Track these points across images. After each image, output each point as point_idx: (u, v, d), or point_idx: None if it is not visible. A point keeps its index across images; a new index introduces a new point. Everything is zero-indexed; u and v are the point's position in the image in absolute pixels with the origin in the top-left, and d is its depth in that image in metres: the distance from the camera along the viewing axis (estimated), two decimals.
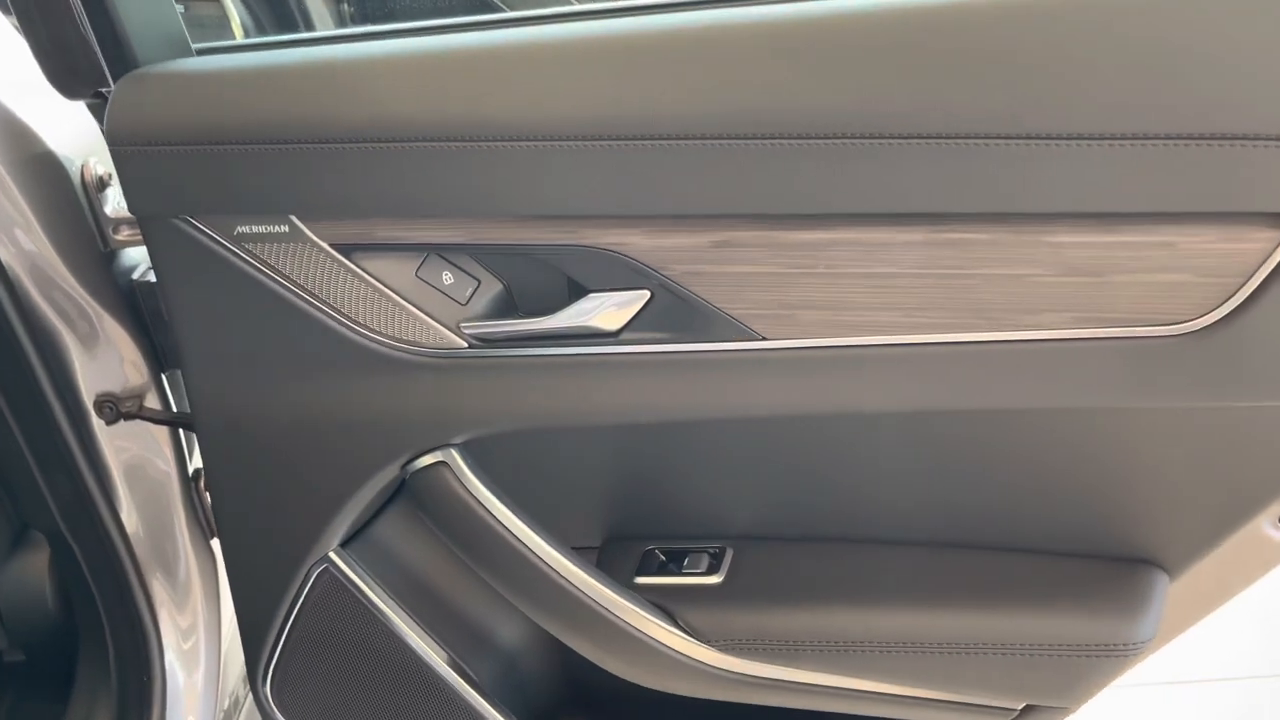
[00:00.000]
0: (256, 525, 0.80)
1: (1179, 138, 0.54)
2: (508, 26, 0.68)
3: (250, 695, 1.09)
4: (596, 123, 0.60)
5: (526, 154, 0.61)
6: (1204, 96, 0.54)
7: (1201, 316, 0.60)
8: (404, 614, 0.80)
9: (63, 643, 1.02)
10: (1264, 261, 0.57)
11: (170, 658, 0.94)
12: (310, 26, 1.98)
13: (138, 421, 0.87)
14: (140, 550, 0.91)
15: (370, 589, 0.79)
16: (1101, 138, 0.55)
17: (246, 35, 1.86)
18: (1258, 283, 0.58)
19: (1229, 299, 0.59)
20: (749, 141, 0.59)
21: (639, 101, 0.60)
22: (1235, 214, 0.57)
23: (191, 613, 0.96)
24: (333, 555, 0.79)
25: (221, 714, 1.02)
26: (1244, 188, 0.55)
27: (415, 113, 0.63)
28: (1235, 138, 0.54)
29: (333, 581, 0.79)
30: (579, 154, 0.61)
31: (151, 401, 0.87)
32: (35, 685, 1.12)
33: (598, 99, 0.61)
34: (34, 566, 1.03)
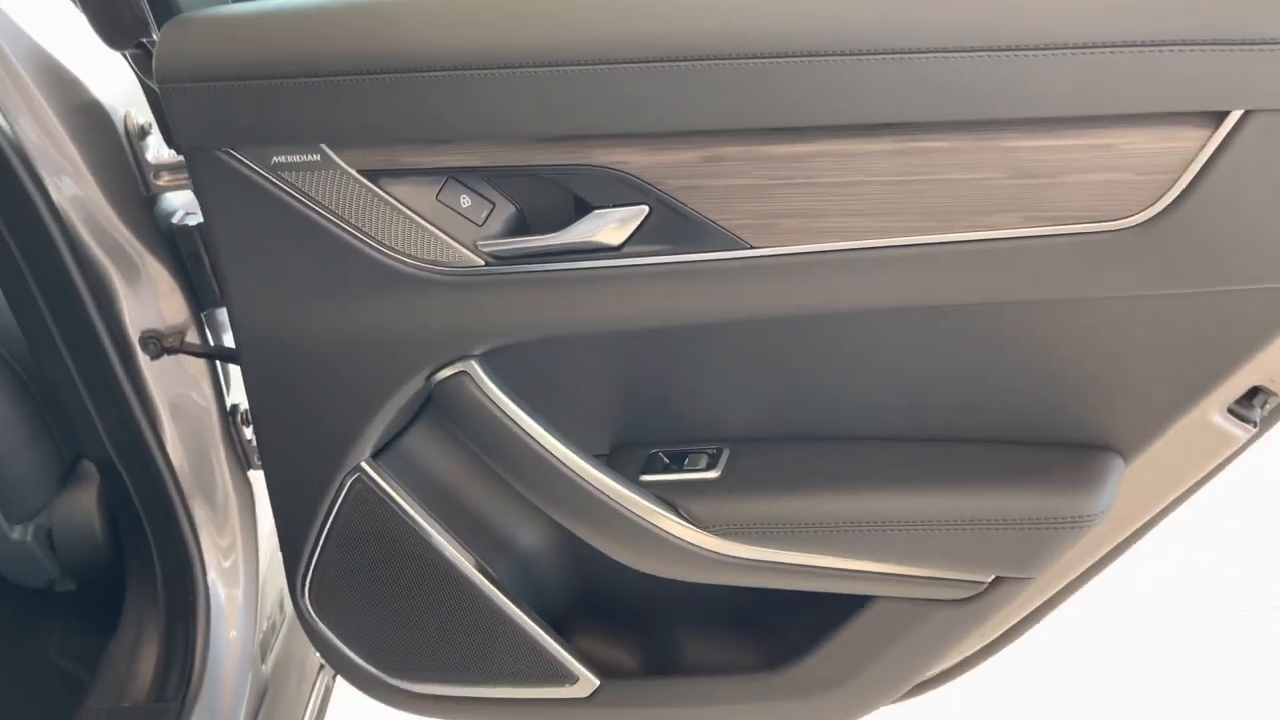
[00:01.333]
0: (295, 441, 0.85)
1: (1114, 45, 0.61)
2: None
3: (286, 622, 1.17)
4: (595, 49, 0.66)
5: (534, 79, 0.67)
6: (1135, 7, 0.60)
7: (1141, 211, 0.66)
8: (431, 519, 0.86)
9: (111, 573, 1.09)
10: (1194, 158, 0.64)
11: (212, 575, 1.01)
12: None
13: (179, 359, 0.93)
14: (183, 477, 0.96)
15: (400, 496, 0.85)
16: (1046, 48, 0.62)
17: None
18: (1190, 178, 0.64)
19: (1165, 194, 0.65)
20: (732, 61, 0.65)
21: (632, 28, 0.66)
22: (1167, 114, 0.63)
23: (230, 534, 1.02)
24: (364, 465, 0.84)
25: (259, 634, 1.09)
26: (1174, 90, 0.61)
27: (433, 45, 0.68)
28: (1164, 44, 0.60)
29: (365, 489, 0.85)
30: (580, 78, 0.67)
31: (191, 338, 0.92)
32: (85, 613, 1.20)
33: (595, 27, 0.67)
34: (84, 501, 1.10)
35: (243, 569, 1.04)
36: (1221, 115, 0.62)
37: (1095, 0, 0.61)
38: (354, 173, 0.74)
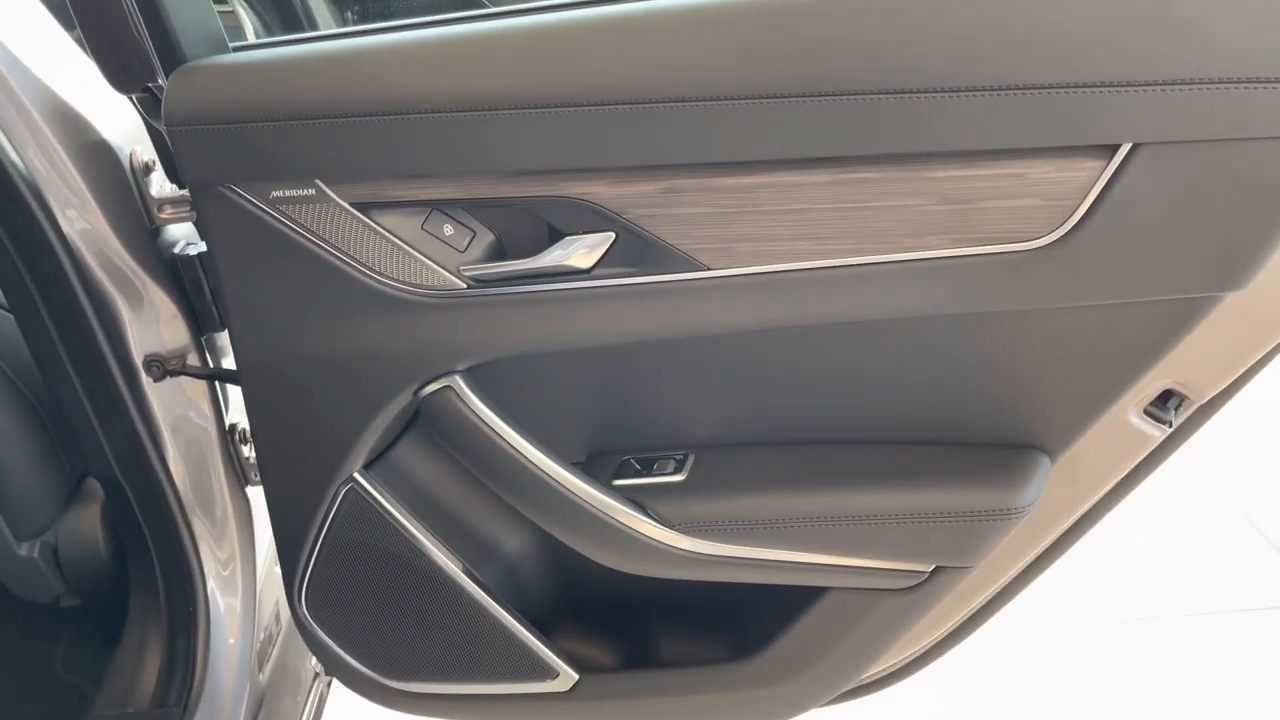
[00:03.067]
0: (291, 454, 0.90)
1: (1019, 88, 0.68)
2: (489, 19, 0.79)
3: (282, 633, 1.21)
4: (562, 93, 0.73)
5: (509, 121, 0.74)
6: (1037, 53, 0.67)
7: (1050, 233, 0.73)
8: (420, 526, 0.91)
9: (115, 588, 1.12)
10: (1093, 185, 0.71)
11: (212, 585, 1.04)
12: (315, 29, 2.12)
13: (181, 381, 0.97)
14: (184, 493, 1.00)
15: (390, 504, 0.90)
16: (961, 90, 0.69)
17: (258, 37, 2.01)
18: (1090, 202, 0.71)
19: (1069, 217, 0.72)
20: (685, 104, 0.71)
21: (594, 75, 0.72)
22: (1067, 148, 0.70)
23: (229, 547, 1.06)
24: (357, 475, 0.89)
25: (257, 644, 1.14)
26: (1071, 126, 0.68)
27: (416, 91, 0.75)
28: (1060, 86, 0.67)
29: (357, 499, 0.90)
30: (550, 119, 0.73)
31: (192, 361, 0.97)
32: (90, 628, 1.23)
33: (561, 74, 0.73)
34: (88, 518, 1.13)
35: (241, 580, 1.08)
36: (1114, 148, 0.70)
37: (1000, 47, 0.68)
38: (346, 205, 0.80)
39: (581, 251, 0.79)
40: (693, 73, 0.71)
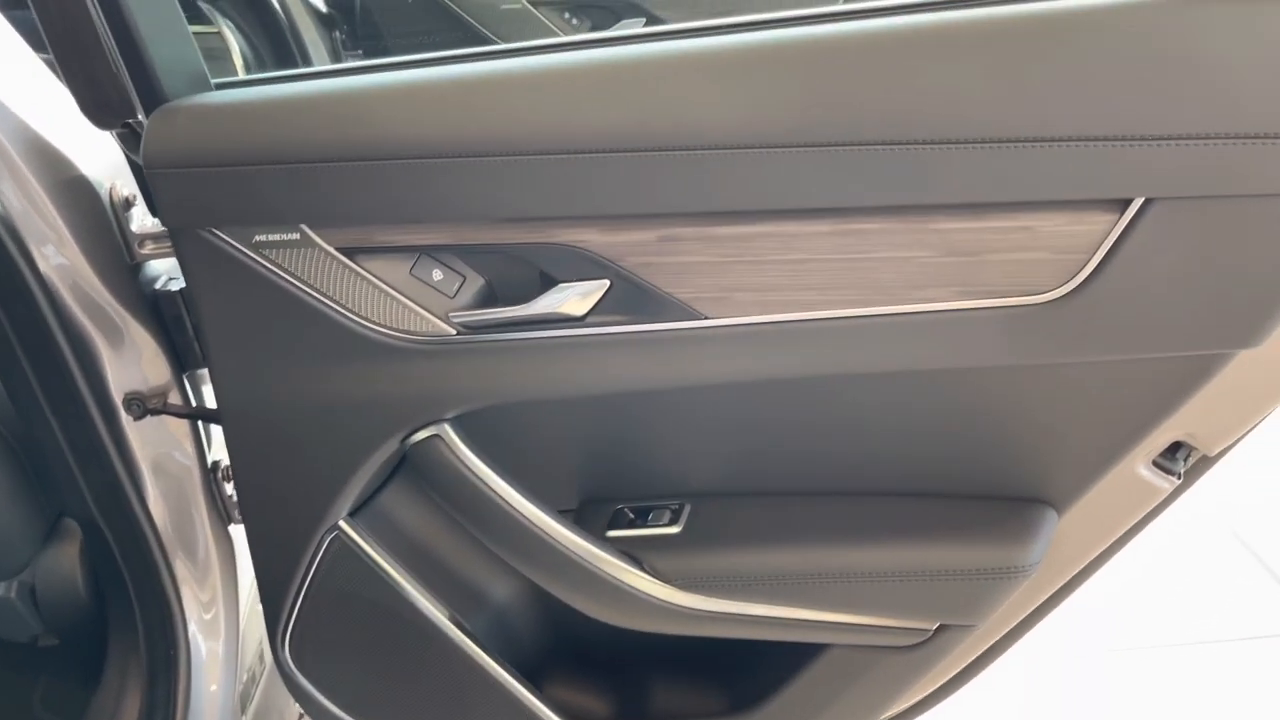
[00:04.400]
0: (275, 500, 0.88)
1: (1028, 140, 0.66)
2: (481, 60, 0.77)
3: (265, 673, 1.19)
4: (555, 139, 0.70)
5: (499, 167, 0.71)
6: (1049, 105, 0.65)
7: (1059, 287, 0.71)
8: (407, 575, 0.89)
9: (93, 628, 1.10)
10: (1103, 240, 0.69)
11: (193, 629, 1.02)
12: (305, 54, 2.10)
13: (162, 418, 0.95)
14: (165, 534, 0.98)
15: (376, 552, 0.88)
16: (971, 142, 0.67)
17: (246, 64, 1.98)
18: (1100, 257, 0.69)
19: (1079, 272, 0.70)
20: (682, 152, 0.69)
21: (589, 120, 0.70)
22: (1078, 201, 0.68)
23: (211, 589, 1.04)
24: (342, 524, 0.87)
25: (240, 686, 1.11)
26: (1082, 179, 0.66)
27: (405, 135, 0.72)
28: (1074, 139, 0.65)
29: (342, 547, 0.88)
30: (543, 166, 0.71)
31: (174, 399, 0.94)
32: (68, 668, 1.20)
33: (555, 119, 0.70)
34: (66, 557, 1.10)
35: (223, 622, 1.05)
36: (1125, 202, 0.68)
37: (1010, 98, 0.66)
38: (332, 250, 0.78)
39: (575, 299, 0.77)
40: (691, 120, 0.69)
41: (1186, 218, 0.67)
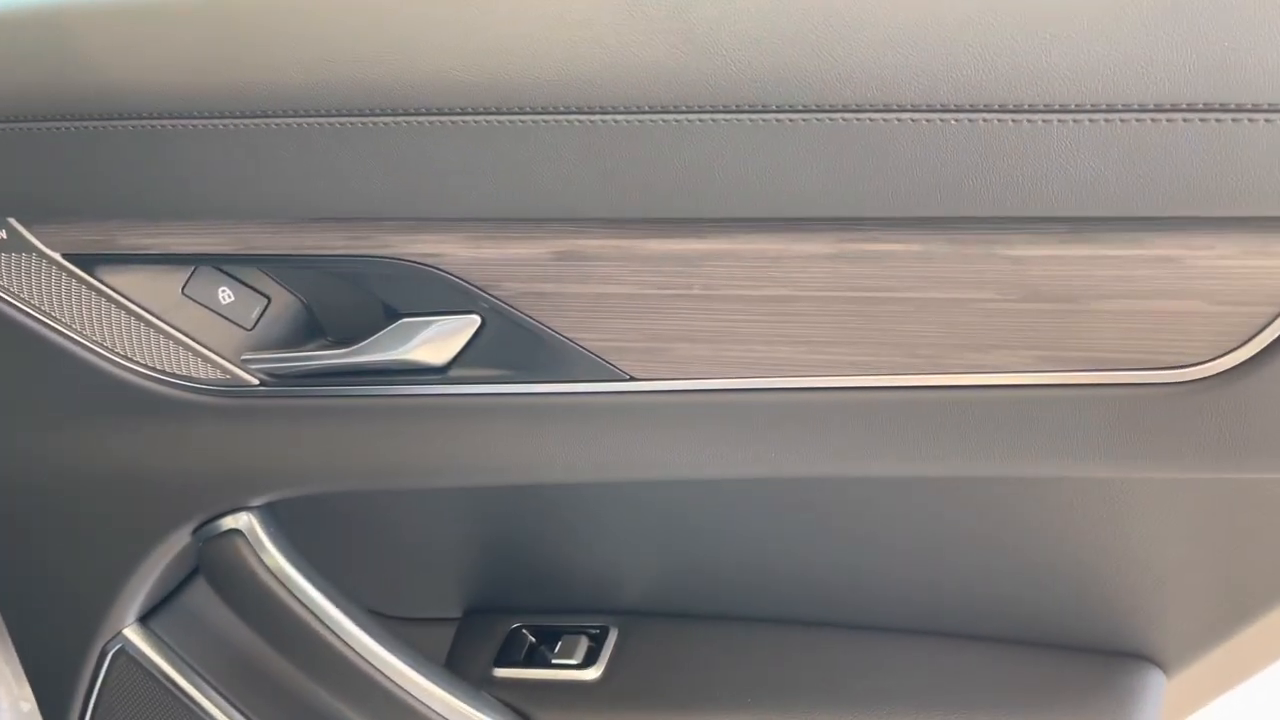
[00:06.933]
0: (40, 601, 0.69)
1: (1184, 110, 0.38)
2: None
3: None
4: (386, 94, 0.45)
5: (297, 135, 0.46)
6: (1220, 49, 0.38)
7: (1216, 359, 0.44)
8: (216, 697, 0.69)
9: None
10: None
11: None
12: None
13: None
14: None
15: (176, 671, 0.68)
16: (1076, 111, 0.39)
17: None
18: None
19: (1255, 336, 0.43)
20: (589, 117, 0.43)
21: (438, 66, 0.45)
22: (1264, 219, 0.41)
23: None
24: (127, 633, 0.67)
25: None
26: (1270, 180, 0.39)
27: (153, 80, 0.48)
28: (1255, 110, 0.38)
29: (129, 663, 0.68)
30: (365, 135, 0.46)
31: None
32: None
33: (385, 64, 0.45)
34: None
35: None
36: None
37: (1148, 37, 0.38)
38: (57, 257, 0.56)
39: (431, 341, 0.53)
40: (602, 66, 0.43)
41: None
